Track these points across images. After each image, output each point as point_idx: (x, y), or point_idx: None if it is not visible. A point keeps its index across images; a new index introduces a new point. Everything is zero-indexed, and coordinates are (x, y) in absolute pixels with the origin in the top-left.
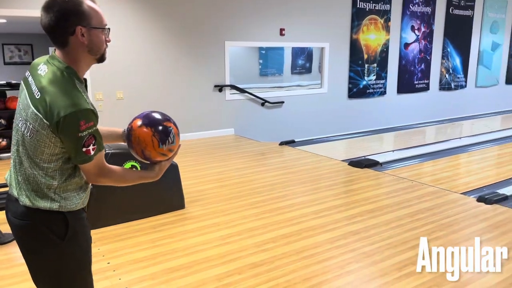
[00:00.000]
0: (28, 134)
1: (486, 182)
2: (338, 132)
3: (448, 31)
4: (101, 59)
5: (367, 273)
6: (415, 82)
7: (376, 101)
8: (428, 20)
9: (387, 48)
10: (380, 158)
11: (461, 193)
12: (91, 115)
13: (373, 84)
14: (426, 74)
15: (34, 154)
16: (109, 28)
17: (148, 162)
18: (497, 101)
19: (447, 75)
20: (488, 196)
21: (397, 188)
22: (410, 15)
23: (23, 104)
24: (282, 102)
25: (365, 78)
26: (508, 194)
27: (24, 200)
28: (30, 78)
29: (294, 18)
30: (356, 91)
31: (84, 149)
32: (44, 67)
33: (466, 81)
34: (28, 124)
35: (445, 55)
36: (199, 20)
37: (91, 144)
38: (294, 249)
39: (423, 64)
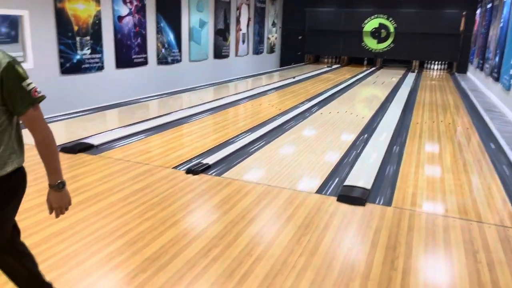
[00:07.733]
0: None
1: (195, 153)
2: (51, 113)
3: (160, 7)
4: None
5: (69, 278)
6: (133, 57)
7: (93, 76)
8: None
9: (100, 20)
10: (97, 139)
11: (172, 168)
12: None
13: (88, 59)
14: (143, 48)
15: None
16: None
17: None
18: (207, 74)
19: (163, 50)
20: (194, 168)
21: (112, 171)
22: None
23: None
24: None
25: (78, 52)
26: (211, 162)
27: None
28: None
29: None
30: (70, 66)
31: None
32: None
33: (180, 56)
34: None
35: (159, 30)
36: None
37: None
38: None
39: (139, 38)
